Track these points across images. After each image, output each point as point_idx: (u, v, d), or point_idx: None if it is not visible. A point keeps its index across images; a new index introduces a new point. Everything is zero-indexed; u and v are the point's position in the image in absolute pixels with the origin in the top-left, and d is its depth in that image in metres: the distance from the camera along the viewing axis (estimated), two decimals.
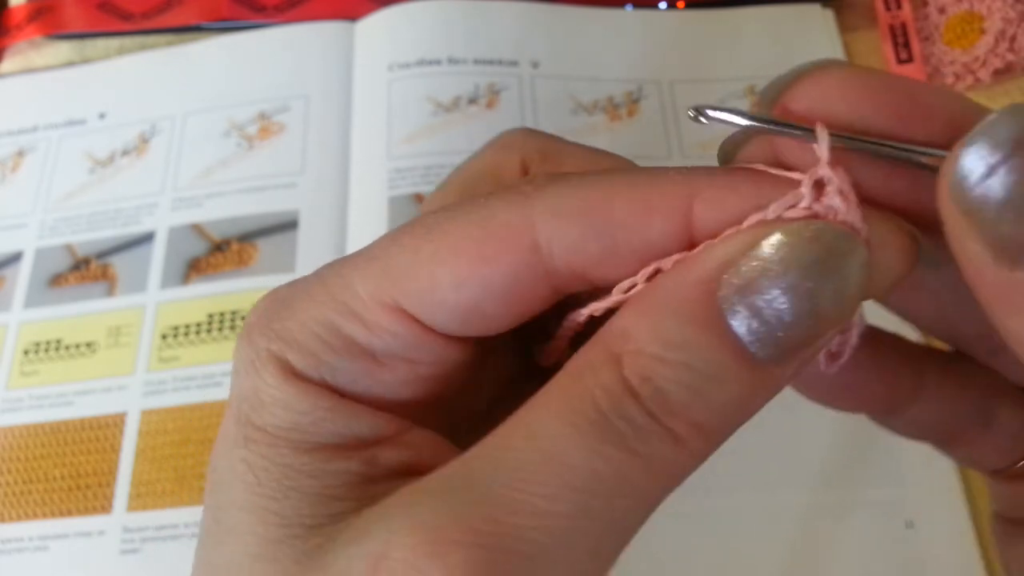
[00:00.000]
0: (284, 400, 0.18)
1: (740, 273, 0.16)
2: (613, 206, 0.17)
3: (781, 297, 0.16)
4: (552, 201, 0.17)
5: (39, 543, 0.41)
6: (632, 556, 0.42)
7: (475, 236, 0.17)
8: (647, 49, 0.52)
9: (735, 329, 0.16)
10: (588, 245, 0.17)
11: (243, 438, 0.18)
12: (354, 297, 0.18)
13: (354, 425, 0.18)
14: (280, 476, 0.17)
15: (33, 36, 0.56)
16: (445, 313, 0.17)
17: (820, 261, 0.16)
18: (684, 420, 0.16)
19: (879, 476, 0.40)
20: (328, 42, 0.53)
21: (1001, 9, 0.49)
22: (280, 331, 0.18)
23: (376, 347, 0.18)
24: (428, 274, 0.17)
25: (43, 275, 0.48)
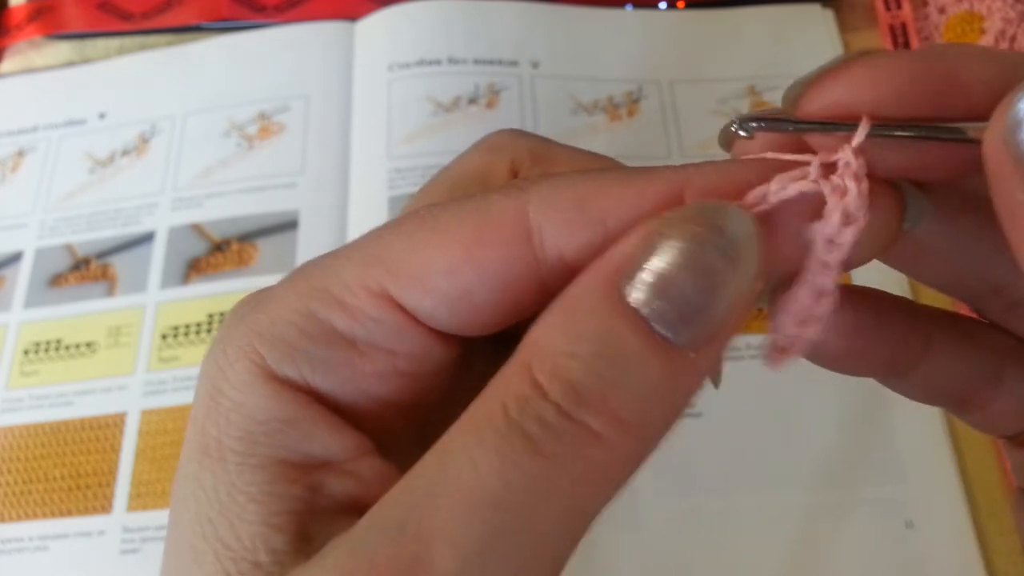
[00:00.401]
0: (243, 404, 0.17)
1: (640, 261, 0.16)
2: (605, 196, 0.17)
3: (680, 275, 0.16)
4: (546, 192, 0.17)
5: (39, 543, 0.41)
6: (633, 556, 0.42)
7: (470, 223, 0.17)
8: (647, 49, 0.52)
9: (642, 313, 0.16)
10: (579, 232, 0.17)
11: (199, 450, 0.17)
12: (337, 283, 0.17)
13: (307, 443, 0.17)
14: (227, 499, 0.16)
15: (33, 36, 0.56)
16: (435, 300, 0.17)
17: (709, 236, 0.16)
18: (600, 413, 0.15)
19: (879, 476, 0.40)
20: (328, 42, 0.53)
21: (1001, 9, 0.49)
22: (252, 324, 0.18)
23: (357, 334, 0.17)
24: (421, 258, 0.17)
25: (43, 275, 0.48)
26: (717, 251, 0.16)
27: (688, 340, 0.16)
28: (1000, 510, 0.39)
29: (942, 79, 0.16)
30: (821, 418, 0.41)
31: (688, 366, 0.16)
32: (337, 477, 0.17)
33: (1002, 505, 0.39)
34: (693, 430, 0.41)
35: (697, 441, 0.41)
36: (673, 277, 0.16)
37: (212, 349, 0.18)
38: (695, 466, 0.40)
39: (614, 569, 0.39)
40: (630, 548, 0.39)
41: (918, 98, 0.16)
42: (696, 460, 0.40)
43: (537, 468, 0.15)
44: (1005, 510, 0.39)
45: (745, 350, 0.43)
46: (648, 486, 0.40)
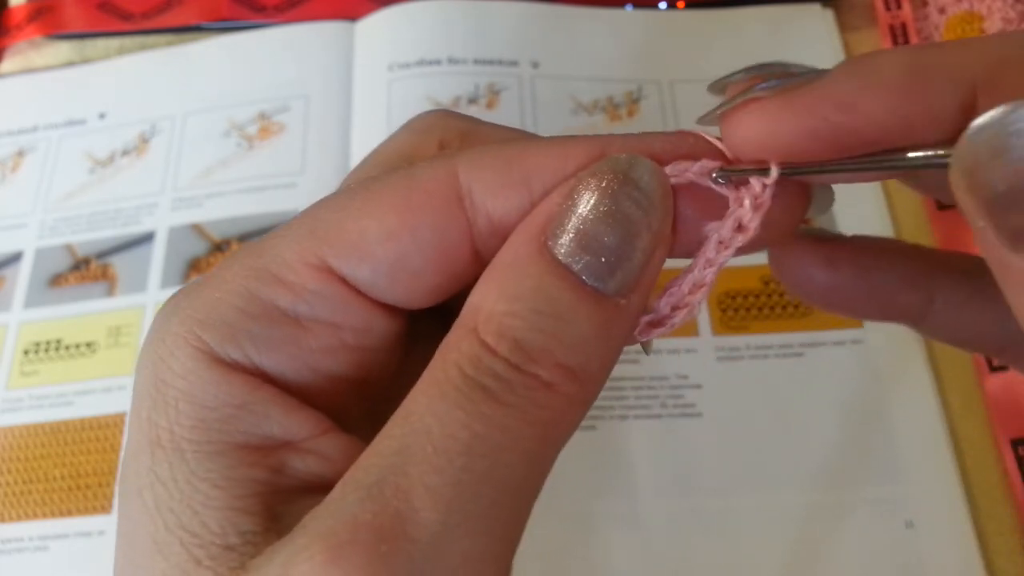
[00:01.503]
0: (191, 392, 0.17)
1: (563, 218, 0.17)
2: (529, 157, 0.18)
3: (600, 227, 0.17)
4: (474, 156, 0.18)
5: (39, 543, 0.41)
6: (633, 555, 0.42)
7: (401, 189, 0.18)
8: (647, 49, 0.52)
9: (571, 268, 0.17)
10: (506, 193, 0.18)
11: (148, 443, 0.17)
12: (276, 261, 0.18)
13: (264, 424, 0.17)
14: (188, 488, 0.16)
15: (33, 36, 0.56)
16: (372, 268, 0.18)
17: (624, 187, 0.17)
18: (548, 364, 0.16)
19: (879, 476, 0.40)
20: (328, 42, 0.53)
21: (1001, 9, 0.49)
22: (188, 309, 0.18)
23: (300, 311, 0.18)
24: (356, 227, 0.17)
25: (43, 275, 0.48)
26: (632, 201, 0.17)
27: (616, 288, 0.17)
28: (1000, 510, 0.39)
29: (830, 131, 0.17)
30: (821, 418, 0.41)
31: (619, 312, 0.17)
32: (299, 456, 0.17)
33: (1002, 505, 0.39)
34: (693, 430, 0.41)
35: (697, 441, 0.41)
36: (595, 230, 0.17)
37: (149, 340, 0.18)
38: (695, 466, 0.40)
39: (614, 569, 0.39)
40: (630, 548, 0.39)
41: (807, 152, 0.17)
42: (696, 460, 0.40)
43: (499, 416, 0.16)
44: (1005, 510, 0.39)
45: (745, 350, 0.43)
46: (648, 486, 0.40)
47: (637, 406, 0.42)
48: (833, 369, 0.42)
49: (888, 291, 0.21)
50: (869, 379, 0.42)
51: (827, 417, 0.41)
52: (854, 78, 0.16)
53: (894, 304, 0.22)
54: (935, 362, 0.42)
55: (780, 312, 0.44)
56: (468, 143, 0.22)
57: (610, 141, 0.18)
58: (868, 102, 0.16)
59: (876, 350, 0.42)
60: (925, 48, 0.16)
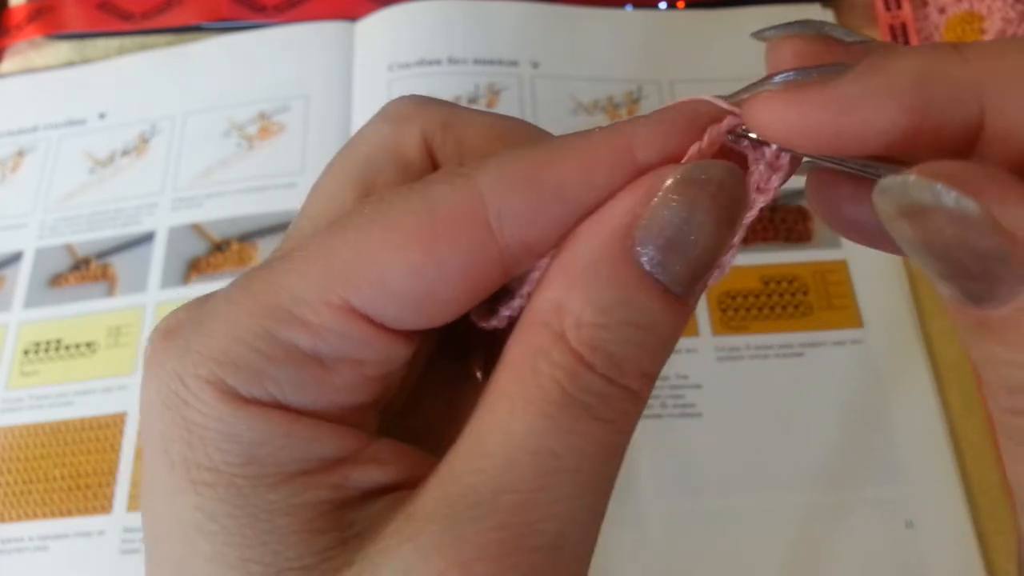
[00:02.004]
0: (232, 432, 0.16)
1: (647, 223, 0.17)
2: (556, 166, 0.17)
3: (687, 235, 0.17)
4: (496, 175, 0.17)
5: (39, 543, 0.41)
6: (633, 555, 0.42)
7: (425, 220, 0.17)
8: (647, 49, 0.52)
9: (656, 276, 0.17)
10: (540, 210, 0.17)
11: (188, 482, 0.16)
12: (294, 300, 0.17)
13: (316, 447, 0.17)
14: (250, 521, 0.16)
15: (33, 36, 0.56)
16: (399, 304, 0.17)
17: (714, 196, 0.17)
18: (635, 373, 0.17)
19: (879, 476, 0.40)
20: (328, 42, 0.53)
21: (1001, 9, 0.49)
22: (205, 351, 0.17)
23: (322, 351, 0.17)
24: (380, 264, 0.17)
25: (43, 275, 0.48)
26: (719, 211, 0.17)
27: (688, 289, 0.17)
28: (1000, 510, 0.39)
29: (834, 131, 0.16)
30: (821, 418, 0.41)
31: (688, 310, 0.18)
32: (357, 468, 0.17)
33: (1002, 505, 0.39)
34: (693, 430, 0.41)
35: (697, 441, 0.41)
36: (683, 241, 0.17)
37: (159, 378, 0.17)
38: (695, 466, 0.40)
39: (614, 569, 0.39)
40: (630, 548, 0.39)
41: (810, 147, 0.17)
42: (696, 460, 0.40)
43: (599, 432, 0.17)
44: (1005, 510, 0.39)
45: (745, 350, 0.43)
46: (648, 486, 0.40)
47: None
48: (833, 369, 0.42)
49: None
50: (869, 379, 0.42)
51: (827, 417, 0.41)
52: (862, 84, 0.16)
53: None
54: (935, 362, 0.42)
55: (780, 312, 0.44)
56: (450, 132, 0.21)
57: (633, 131, 0.18)
58: (871, 111, 0.16)
59: (876, 350, 0.42)
60: (938, 56, 0.16)
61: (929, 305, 0.44)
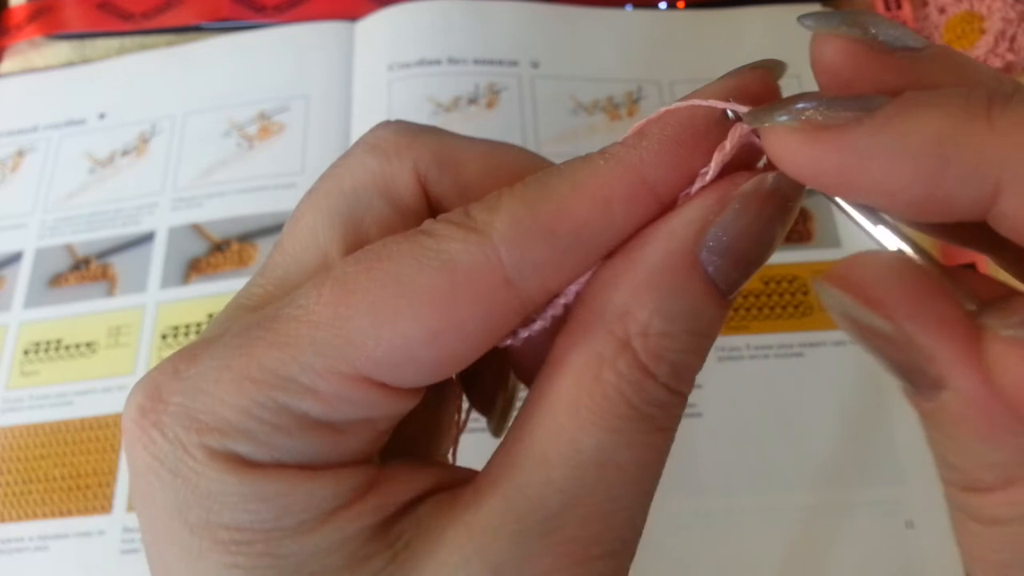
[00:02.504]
0: (254, 494, 0.16)
1: (717, 234, 0.17)
2: (571, 213, 0.17)
3: (754, 248, 0.17)
4: (510, 229, 0.17)
5: (39, 543, 0.41)
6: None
7: (443, 285, 0.16)
8: (647, 49, 0.52)
9: (720, 286, 0.17)
10: (560, 261, 0.17)
11: (215, 544, 0.16)
12: (302, 371, 0.16)
13: (345, 483, 0.17)
14: (295, 568, 0.16)
15: (33, 36, 0.56)
16: (417, 371, 0.17)
17: (779, 208, 0.17)
18: (689, 380, 0.18)
19: (879, 476, 0.40)
20: (328, 42, 0.53)
21: (1001, 9, 0.49)
22: (211, 421, 0.16)
23: (335, 418, 0.17)
24: (397, 335, 0.16)
25: (43, 275, 0.48)
26: (783, 221, 0.17)
27: (735, 290, 0.18)
28: None
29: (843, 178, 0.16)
30: (821, 418, 0.41)
31: (729, 310, 0.18)
32: (393, 488, 0.18)
33: None
34: (693, 430, 0.41)
35: (697, 441, 0.41)
36: (748, 252, 0.17)
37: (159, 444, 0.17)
38: (695, 466, 0.40)
39: None
40: None
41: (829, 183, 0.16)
42: (696, 460, 0.40)
43: (661, 442, 0.17)
44: None
45: (745, 350, 0.43)
46: None
47: None
48: (833, 369, 0.42)
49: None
50: (869, 379, 0.42)
51: (827, 417, 0.41)
52: (881, 138, 0.15)
53: None
54: None
55: (780, 312, 0.44)
56: (447, 170, 0.20)
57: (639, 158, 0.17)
58: (884, 170, 0.15)
59: None
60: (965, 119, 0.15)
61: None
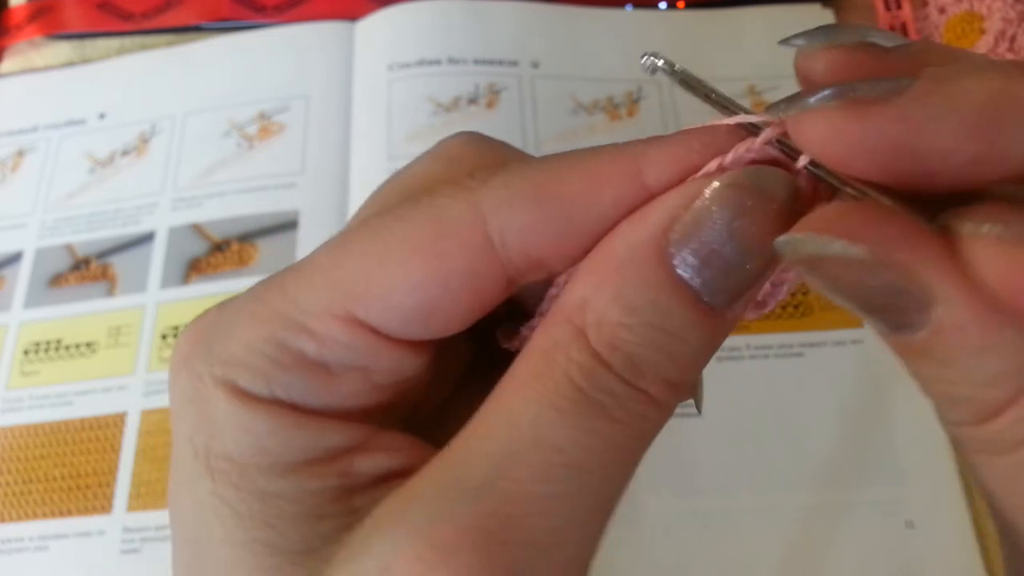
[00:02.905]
0: (243, 424, 0.17)
1: (685, 226, 0.16)
2: (561, 184, 0.17)
3: (728, 245, 0.16)
4: (499, 191, 0.17)
5: (39, 543, 0.41)
6: (633, 556, 0.42)
7: (427, 235, 0.17)
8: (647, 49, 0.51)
9: (689, 282, 0.16)
10: (542, 228, 0.17)
11: (208, 471, 0.17)
12: (301, 310, 0.17)
13: (323, 438, 0.17)
14: (260, 506, 0.17)
15: (33, 36, 0.56)
16: (401, 318, 0.17)
17: (758, 203, 0.16)
18: (655, 379, 0.16)
19: (879, 476, 0.40)
20: (328, 42, 0.53)
21: (1001, 9, 0.49)
22: (222, 355, 0.18)
23: (328, 359, 0.17)
24: (382, 279, 0.17)
25: (43, 275, 0.48)
26: (764, 218, 0.16)
27: (728, 301, 0.17)
28: None
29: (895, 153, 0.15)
30: (821, 418, 0.41)
31: (726, 324, 0.17)
32: (365, 456, 0.18)
33: None
34: (693, 430, 0.41)
35: (697, 441, 0.41)
36: (722, 248, 0.16)
37: (184, 376, 0.18)
38: (695, 466, 0.40)
39: (614, 569, 0.39)
40: (630, 548, 0.39)
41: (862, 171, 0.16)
42: (696, 460, 0.40)
43: (609, 431, 0.16)
44: None
45: (745, 350, 0.43)
46: (648, 486, 0.40)
47: None
48: (833, 369, 0.42)
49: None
50: (869, 379, 0.42)
51: (827, 417, 0.41)
52: (932, 102, 0.15)
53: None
54: None
55: (780, 312, 0.44)
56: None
57: (643, 151, 0.17)
58: (942, 133, 0.15)
59: (876, 350, 0.42)
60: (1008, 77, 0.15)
61: None
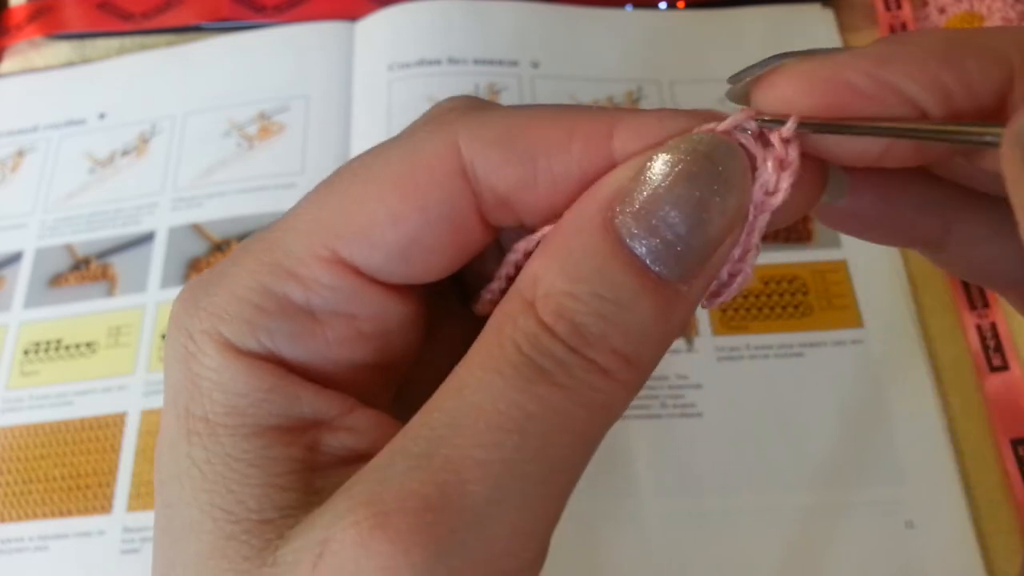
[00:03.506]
0: (222, 382, 0.17)
1: (633, 196, 0.16)
2: (534, 128, 0.17)
3: (672, 211, 0.16)
4: (474, 127, 0.17)
5: (39, 543, 0.41)
6: (632, 555, 0.42)
7: (405, 169, 0.17)
8: (647, 49, 0.52)
9: (636, 251, 0.16)
10: (509, 169, 0.17)
11: (185, 433, 0.17)
12: (286, 255, 0.17)
13: (295, 406, 0.17)
14: (223, 469, 0.17)
15: (33, 36, 0.56)
16: (384, 253, 0.17)
17: (702, 169, 0.16)
18: (605, 350, 0.16)
19: (879, 476, 0.40)
20: (328, 42, 0.53)
21: (1001, 9, 0.49)
22: (208, 307, 0.18)
23: (314, 304, 0.18)
24: (364, 214, 0.17)
25: (43, 275, 0.48)
26: (709, 185, 0.16)
27: (680, 274, 0.16)
28: (1000, 510, 0.39)
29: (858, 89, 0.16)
30: (821, 418, 0.41)
31: (680, 299, 0.17)
32: (332, 433, 0.18)
33: (1002, 505, 0.39)
34: (693, 430, 0.41)
35: (697, 441, 0.41)
36: (665, 213, 0.16)
37: (174, 335, 0.18)
38: (695, 466, 0.40)
39: (614, 568, 0.39)
40: (630, 547, 0.39)
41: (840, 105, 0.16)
42: (696, 460, 0.40)
43: (553, 397, 0.16)
44: (1005, 510, 0.39)
45: (745, 350, 0.43)
46: (648, 486, 0.40)
47: (637, 406, 0.41)
48: (833, 369, 0.42)
49: (907, 217, 0.21)
50: (869, 379, 0.42)
51: (827, 417, 0.41)
52: (893, 44, 0.16)
53: (912, 230, 0.21)
54: (935, 362, 0.42)
55: (780, 312, 0.44)
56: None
57: (619, 116, 0.17)
58: (906, 62, 0.16)
59: (876, 350, 0.42)
60: (965, 30, 0.16)
61: (929, 305, 0.44)
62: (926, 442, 0.40)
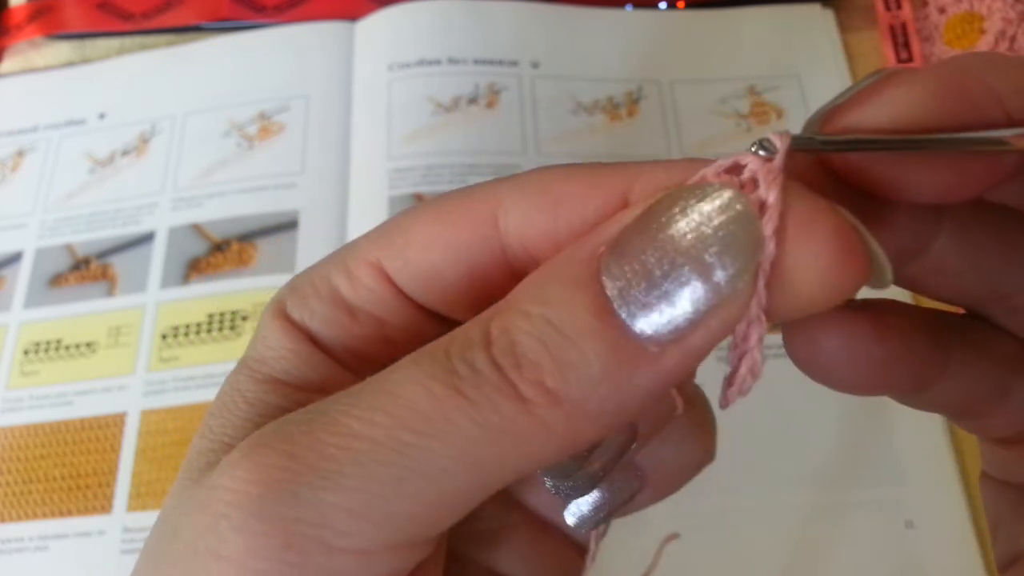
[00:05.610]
0: (265, 336, 0.19)
1: (624, 237, 0.15)
2: (561, 185, 0.18)
3: (651, 254, 0.15)
4: (518, 180, 0.19)
5: (39, 543, 0.41)
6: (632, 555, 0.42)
7: (448, 207, 0.19)
8: (647, 49, 0.52)
9: (607, 289, 0.15)
10: (536, 220, 0.18)
11: (237, 367, 0.20)
12: (352, 255, 0.19)
13: (305, 368, 0.19)
14: (228, 400, 0.19)
15: (33, 36, 0.56)
16: (410, 272, 0.19)
17: (705, 223, 0.15)
18: (532, 379, 0.15)
19: (879, 476, 0.40)
20: (328, 42, 0.53)
21: (1001, 9, 0.49)
22: (291, 283, 0.20)
23: (352, 300, 0.19)
24: (407, 235, 0.19)
25: (43, 275, 0.48)
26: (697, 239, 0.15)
27: (650, 331, 0.15)
28: None
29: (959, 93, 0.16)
30: (821, 418, 0.41)
31: (645, 359, 0.15)
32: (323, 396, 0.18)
33: None
34: None
35: None
36: (645, 256, 0.15)
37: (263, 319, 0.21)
38: None
39: (614, 568, 0.39)
40: (630, 547, 0.39)
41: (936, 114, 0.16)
42: None
43: (447, 402, 0.15)
44: None
45: None
46: None
47: None
48: None
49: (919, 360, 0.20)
50: None
51: (827, 417, 0.41)
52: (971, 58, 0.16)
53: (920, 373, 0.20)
54: None
55: None
56: None
57: (640, 171, 0.17)
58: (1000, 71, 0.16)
59: None
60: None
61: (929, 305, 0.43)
62: (926, 442, 0.40)
